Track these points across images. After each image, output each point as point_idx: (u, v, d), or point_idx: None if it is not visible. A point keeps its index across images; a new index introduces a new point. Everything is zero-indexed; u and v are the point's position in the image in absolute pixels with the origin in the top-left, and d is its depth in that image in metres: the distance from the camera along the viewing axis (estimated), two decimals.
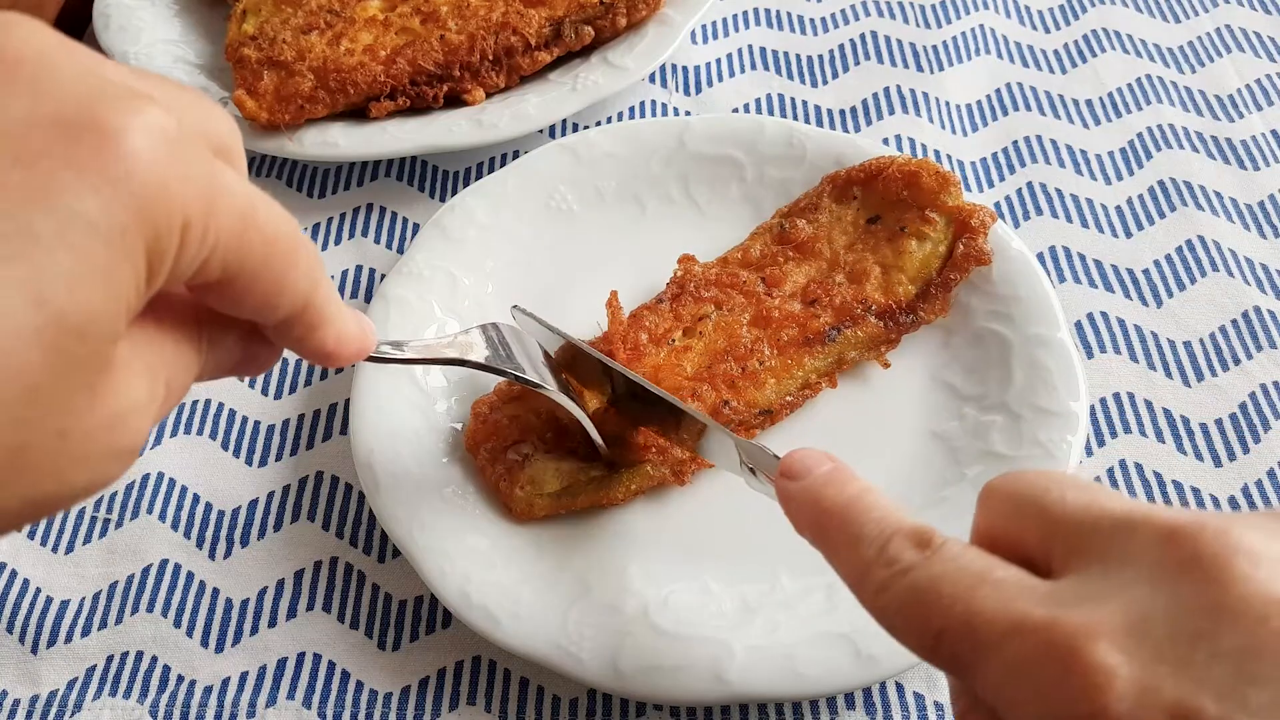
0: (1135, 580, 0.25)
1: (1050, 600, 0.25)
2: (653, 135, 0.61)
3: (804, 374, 0.51)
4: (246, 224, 0.24)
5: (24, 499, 0.22)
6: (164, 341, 0.26)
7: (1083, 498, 0.27)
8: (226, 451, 0.54)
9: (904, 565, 0.28)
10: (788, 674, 0.43)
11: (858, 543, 0.31)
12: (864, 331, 0.51)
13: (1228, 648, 0.23)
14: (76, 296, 0.20)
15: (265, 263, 0.25)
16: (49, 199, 0.20)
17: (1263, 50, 0.69)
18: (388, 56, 0.63)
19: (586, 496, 0.48)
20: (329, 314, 0.30)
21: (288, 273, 0.26)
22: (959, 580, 0.27)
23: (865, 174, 0.55)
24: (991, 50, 0.70)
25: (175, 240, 0.22)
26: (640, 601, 0.46)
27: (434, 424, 0.52)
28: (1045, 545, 0.28)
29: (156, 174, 0.21)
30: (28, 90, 0.21)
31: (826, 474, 0.34)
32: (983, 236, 0.53)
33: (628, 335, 0.51)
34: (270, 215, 0.25)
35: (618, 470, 0.49)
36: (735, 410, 0.49)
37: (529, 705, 0.46)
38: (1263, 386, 0.53)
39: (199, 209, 0.23)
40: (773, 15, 0.72)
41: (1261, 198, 0.61)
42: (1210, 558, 0.24)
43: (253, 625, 0.49)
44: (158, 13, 0.72)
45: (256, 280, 0.25)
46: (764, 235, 0.56)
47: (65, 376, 0.21)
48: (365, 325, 0.33)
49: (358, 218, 0.64)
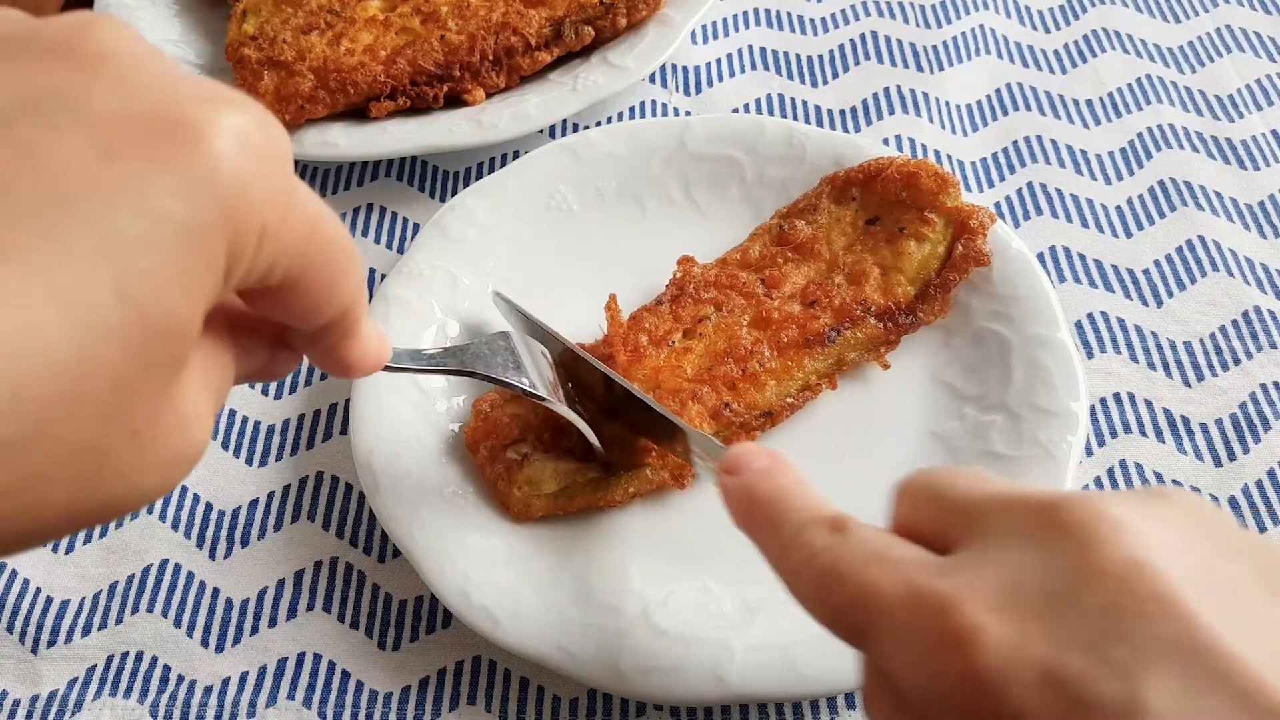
0: (1010, 549, 0.27)
1: (936, 571, 0.27)
2: (653, 135, 0.61)
3: (804, 375, 0.51)
4: (314, 231, 0.25)
5: (95, 501, 0.22)
6: (211, 349, 0.26)
7: (973, 483, 0.30)
8: (226, 451, 0.54)
9: (818, 548, 0.30)
10: (788, 674, 0.43)
11: (779, 529, 0.32)
12: (863, 333, 0.51)
13: (1091, 606, 0.24)
14: (159, 295, 0.20)
15: (322, 271, 0.25)
16: (136, 196, 0.20)
17: (1263, 50, 0.69)
18: (388, 56, 0.63)
19: (584, 498, 0.48)
20: (361, 325, 0.30)
21: (340, 280, 0.26)
22: (860, 557, 0.29)
23: (864, 175, 0.55)
24: (991, 50, 0.70)
25: (252, 243, 0.22)
26: (640, 601, 0.46)
27: (434, 424, 0.52)
28: (941, 528, 0.30)
29: (240, 176, 0.21)
30: (115, 86, 0.21)
31: (762, 468, 0.35)
32: (981, 238, 0.53)
33: (628, 337, 0.51)
34: (332, 223, 0.26)
35: (616, 472, 0.49)
36: (736, 412, 0.49)
37: (529, 705, 0.46)
38: (1263, 386, 0.53)
39: (275, 214, 0.23)
40: (773, 15, 0.72)
41: (1261, 198, 0.61)
42: (1077, 524, 0.26)
43: (253, 625, 0.49)
44: (158, 13, 0.72)
45: (312, 288, 0.25)
46: (763, 236, 0.56)
47: (145, 375, 0.21)
48: (382, 337, 0.33)
49: (358, 218, 0.64)
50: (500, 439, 0.49)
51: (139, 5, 0.71)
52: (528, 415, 0.49)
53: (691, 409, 0.49)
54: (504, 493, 0.48)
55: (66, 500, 0.21)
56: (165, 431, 0.23)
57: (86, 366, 0.19)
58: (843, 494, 0.49)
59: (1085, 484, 0.51)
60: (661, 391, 0.50)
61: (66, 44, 0.21)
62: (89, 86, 0.21)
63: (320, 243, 0.25)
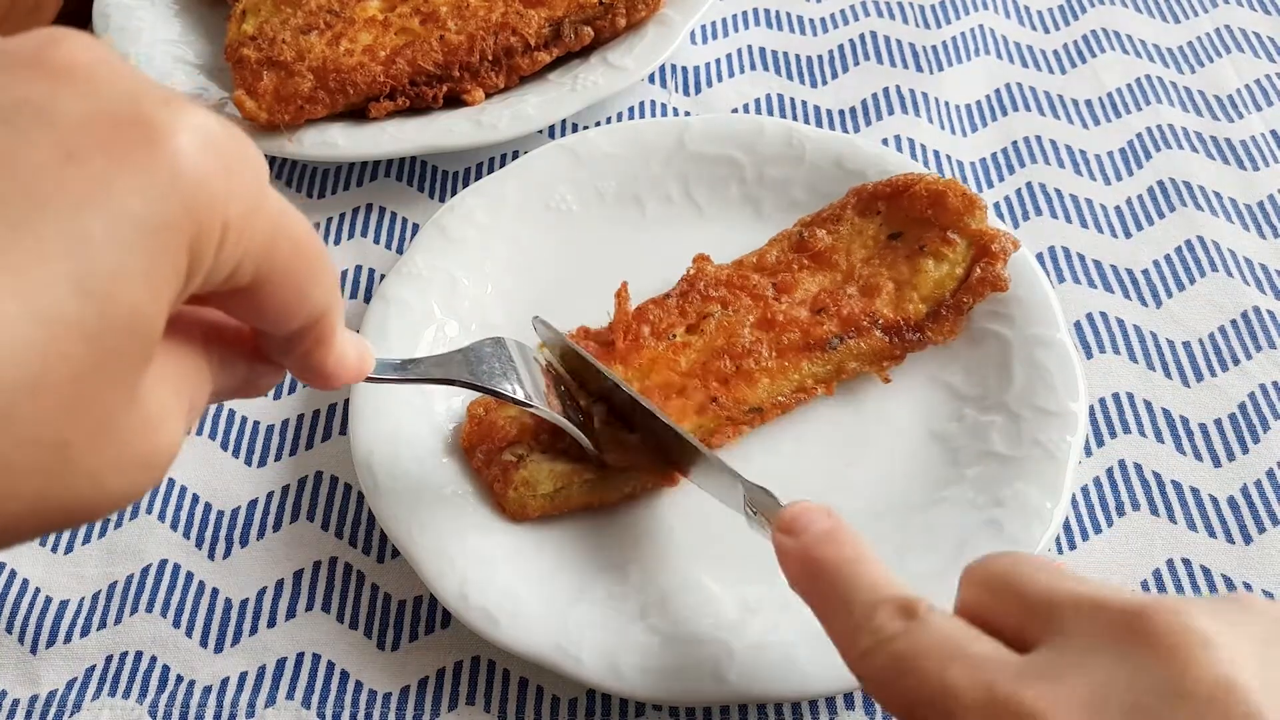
0: (1097, 657, 0.27)
1: (1018, 674, 0.27)
2: (652, 135, 0.61)
3: (800, 377, 0.50)
4: (279, 230, 0.25)
5: (63, 499, 0.22)
6: (184, 357, 0.27)
7: (1052, 579, 0.30)
8: (226, 451, 0.54)
9: (889, 634, 0.30)
10: (788, 674, 0.43)
11: (848, 607, 0.32)
12: (867, 344, 0.51)
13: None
14: (121, 290, 0.21)
15: (291, 273, 0.26)
16: (101, 195, 0.21)
17: (1263, 50, 0.69)
18: (387, 57, 0.63)
19: (580, 498, 0.48)
20: (337, 333, 0.30)
21: (311, 282, 0.27)
22: (937, 652, 0.29)
23: (891, 189, 0.55)
24: (991, 50, 0.70)
25: (215, 239, 0.23)
26: (640, 601, 0.46)
27: (433, 424, 0.52)
28: (1019, 622, 0.29)
29: (201, 173, 0.22)
30: (81, 93, 0.22)
31: (823, 532, 0.35)
32: (1002, 263, 0.52)
33: (630, 326, 0.51)
34: (301, 226, 0.26)
35: (613, 473, 0.49)
36: (722, 406, 0.49)
37: (529, 705, 0.46)
38: (1262, 386, 0.53)
39: (239, 210, 0.23)
40: (772, 15, 0.72)
41: (1261, 198, 0.61)
42: (1165, 638, 0.26)
43: (252, 625, 0.49)
44: (158, 13, 0.72)
45: (281, 289, 0.26)
46: (782, 242, 0.55)
47: (108, 370, 0.21)
48: (363, 348, 0.33)
49: (358, 218, 0.64)
50: (496, 442, 0.49)
51: (139, 5, 0.71)
52: (523, 417, 0.49)
53: (675, 403, 0.49)
54: (500, 494, 0.48)
55: (34, 494, 0.21)
56: (130, 430, 0.23)
57: (48, 358, 0.20)
58: (843, 493, 0.50)
59: (1084, 484, 0.51)
60: (650, 384, 0.50)
61: (35, 56, 0.22)
62: (56, 94, 0.21)
63: (287, 244, 0.25)
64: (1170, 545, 0.49)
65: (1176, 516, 0.50)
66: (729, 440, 0.50)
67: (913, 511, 0.48)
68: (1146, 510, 0.50)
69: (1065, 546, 0.49)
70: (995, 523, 0.46)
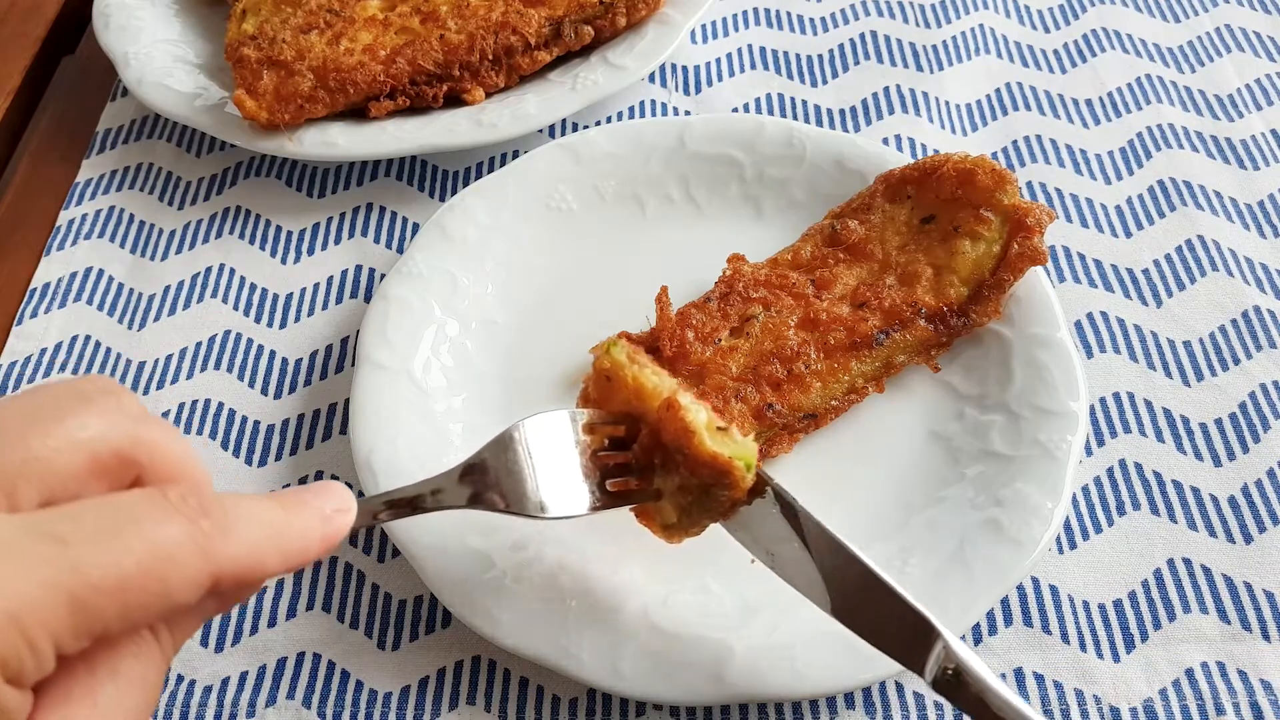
0: None
1: None
2: (653, 135, 0.61)
3: (850, 378, 0.50)
4: (81, 599, 0.25)
5: None
6: (116, 665, 0.28)
7: None
8: (226, 451, 0.54)
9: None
10: (788, 674, 0.43)
11: None
12: (913, 335, 0.51)
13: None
14: None
15: (127, 613, 0.26)
16: None
17: (1263, 50, 0.69)
18: (387, 56, 0.63)
19: (705, 515, 0.43)
20: (257, 564, 0.29)
21: (161, 593, 0.26)
22: None
23: (919, 172, 0.54)
24: (991, 50, 0.70)
25: (23, 649, 0.24)
26: (640, 601, 0.46)
27: (434, 424, 0.52)
28: None
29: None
30: None
31: None
32: (1039, 235, 0.51)
33: (674, 332, 0.51)
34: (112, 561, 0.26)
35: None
36: (779, 414, 0.49)
37: (529, 705, 0.46)
38: (1262, 386, 0.53)
39: (36, 619, 0.24)
40: (773, 15, 0.72)
41: (1261, 197, 0.61)
42: None
43: (252, 625, 0.49)
44: (158, 13, 0.72)
45: (127, 622, 0.26)
46: (815, 236, 0.55)
47: None
48: (327, 526, 0.31)
49: (358, 218, 0.64)
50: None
51: (139, 5, 0.71)
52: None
53: (735, 407, 0.48)
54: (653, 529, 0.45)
55: None
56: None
57: None
58: (843, 493, 0.50)
59: (1085, 483, 0.51)
60: (705, 388, 0.49)
61: None
62: None
63: (109, 602, 0.25)
64: (1170, 545, 0.49)
65: (1177, 516, 0.50)
66: (784, 451, 0.49)
67: (913, 511, 0.48)
68: (1147, 510, 0.50)
69: (1065, 546, 0.49)
70: (995, 522, 0.46)
